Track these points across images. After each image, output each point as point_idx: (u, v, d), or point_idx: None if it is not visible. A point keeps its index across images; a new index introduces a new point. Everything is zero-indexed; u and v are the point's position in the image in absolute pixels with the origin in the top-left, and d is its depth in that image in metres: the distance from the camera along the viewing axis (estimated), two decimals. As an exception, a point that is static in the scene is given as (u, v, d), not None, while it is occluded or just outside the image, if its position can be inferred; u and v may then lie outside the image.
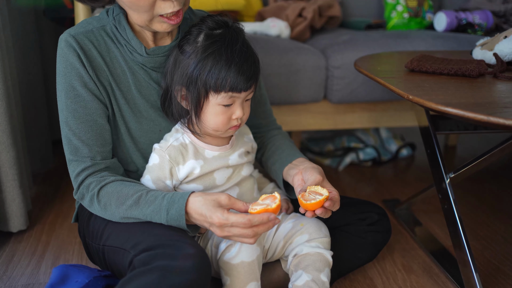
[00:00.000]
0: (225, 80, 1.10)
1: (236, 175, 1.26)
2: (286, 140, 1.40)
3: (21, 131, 1.73)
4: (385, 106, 1.97)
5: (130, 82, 1.20)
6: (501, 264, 1.52)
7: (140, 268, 0.97)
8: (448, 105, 1.04)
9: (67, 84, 1.15)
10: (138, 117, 1.22)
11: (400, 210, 1.83)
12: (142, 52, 1.18)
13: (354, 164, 2.33)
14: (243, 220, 1.02)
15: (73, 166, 1.18)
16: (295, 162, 1.28)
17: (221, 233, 1.05)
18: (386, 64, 1.61)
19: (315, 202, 1.09)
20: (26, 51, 1.94)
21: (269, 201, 1.07)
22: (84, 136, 1.17)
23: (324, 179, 1.20)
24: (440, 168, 1.42)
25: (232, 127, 1.18)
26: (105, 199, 1.13)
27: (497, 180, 2.16)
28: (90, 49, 1.16)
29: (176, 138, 1.21)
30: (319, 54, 1.88)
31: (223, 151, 1.23)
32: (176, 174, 1.19)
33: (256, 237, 1.05)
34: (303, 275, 1.18)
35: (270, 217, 1.03)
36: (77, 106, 1.16)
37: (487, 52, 1.44)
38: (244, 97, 1.15)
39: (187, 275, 0.96)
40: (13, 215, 1.58)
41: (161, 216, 1.08)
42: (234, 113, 1.15)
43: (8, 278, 1.40)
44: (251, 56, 1.14)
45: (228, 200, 1.06)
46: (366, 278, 1.43)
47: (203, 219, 1.05)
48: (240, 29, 1.17)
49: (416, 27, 2.28)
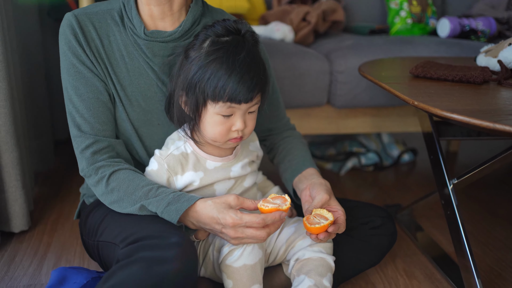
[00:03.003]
0: (223, 89, 1.06)
1: (238, 186, 1.24)
2: (299, 143, 1.38)
3: (24, 131, 1.73)
4: (388, 111, 1.97)
5: (128, 68, 1.19)
6: (503, 270, 1.52)
7: (123, 261, 0.96)
8: (453, 111, 1.04)
9: (68, 61, 1.16)
10: (135, 106, 1.21)
11: (402, 216, 1.83)
12: (140, 33, 1.17)
13: (356, 169, 2.33)
14: (257, 220, 1.03)
15: (77, 142, 1.18)
16: (305, 174, 1.28)
17: (235, 233, 1.05)
18: (390, 70, 1.61)
19: (319, 226, 1.09)
20: (30, 51, 1.94)
21: (279, 202, 1.08)
22: (86, 114, 1.17)
23: (331, 197, 1.19)
24: (443, 174, 1.42)
25: (232, 139, 1.14)
26: (114, 184, 1.13)
27: (498, 186, 2.16)
28: (90, 30, 1.17)
29: (177, 147, 1.19)
30: (323, 58, 1.89)
31: (226, 162, 1.21)
32: (173, 183, 1.18)
33: (268, 237, 1.06)
34: (306, 280, 1.17)
35: (282, 215, 1.04)
36: (78, 83, 1.17)
37: (491, 59, 1.45)
38: (246, 109, 1.11)
39: (171, 264, 0.94)
40: (15, 215, 1.58)
41: (159, 206, 1.07)
42: (234, 124, 1.11)
43: (10, 279, 1.40)
44: (257, 67, 1.09)
45: (237, 200, 1.07)
46: (368, 284, 1.43)
47: (214, 221, 1.05)
48: (254, 37, 1.14)
49: (419, 33, 2.29)
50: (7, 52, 1.50)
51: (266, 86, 1.14)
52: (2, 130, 1.49)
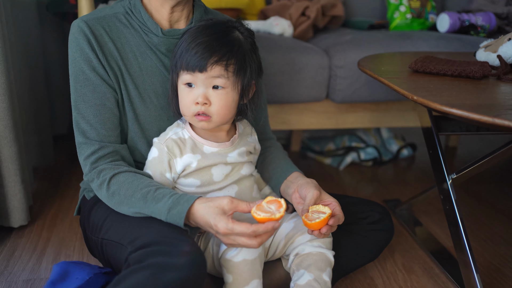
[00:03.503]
0: (184, 57, 1.12)
1: (235, 173, 1.25)
2: (280, 153, 1.40)
3: (23, 126, 1.72)
4: (387, 106, 1.97)
5: (141, 67, 1.23)
6: (501, 265, 1.52)
7: (134, 266, 0.97)
8: (453, 106, 1.04)
9: (77, 68, 1.19)
10: (147, 103, 1.24)
11: (400, 211, 1.83)
12: (158, 32, 1.21)
13: (355, 164, 2.33)
14: (247, 231, 1.02)
15: (82, 149, 1.20)
16: (290, 178, 1.29)
17: (227, 240, 1.05)
18: (390, 65, 1.61)
19: (320, 221, 1.10)
20: (28, 45, 1.94)
21: (274, 208, 1.05)
22: (92, 120, 1.19)
23: (321, 191, 1.21)
24: (442, 169, 1.42)
25: (198, 116, 1.15)
26: (114, 187, 1.14)
27: (496, 181, 2.17)
28: (102, 34, 1.19)
29: (175, 132, 1.22)
30: (322, 53, 1.88)
31: (222, 148, 1.23)
32: (174, 166, 1.19)
33: (261, 244, 1.05)
34: (305, 275, 1.18)
35: (275, 225, 1.03)
36: (86, 90, 1.19)
37: (491, 54, 1.44)
38: (205, 80, 1.12)
39: (181, 272, 0.95)
40: (14, 210, 1.58)
41: (162, 213, 1.08)
42: (196, 96, 1.14)
43: (9, 274, 1.40)
44: (225, 44, 1.12)
45: (231, 203, 1.06)
46: (367, 278, 1.43)
47: (208, 226, 1.06)
48: (245, 30, 1.18)
49: (419, 28, 2.28)
50: (6, 46, 1.49)
51: (234, 66, 1.13)
52: (1, 124, 1.49)
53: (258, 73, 1.22)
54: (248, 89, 1.19)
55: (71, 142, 1.22)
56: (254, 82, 1.21)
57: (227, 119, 1.19)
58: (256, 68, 1.20)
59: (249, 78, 1.17)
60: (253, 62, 1.17)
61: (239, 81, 1.15)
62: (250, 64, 1.16)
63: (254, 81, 1.21)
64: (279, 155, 1.39)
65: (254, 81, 1.20)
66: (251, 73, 1.17)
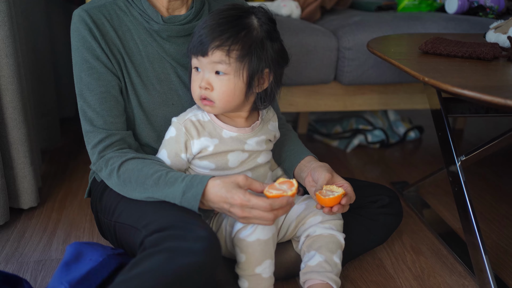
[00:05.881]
0: (192, 40, 1.14)
1: (251, 161, 1.24)
2: (292, 135, 1.40)
3: (30, 109, 1.73)
4: (395, 88, 1.96)
5: (142, 55, 1.23)
6: (509, 246, 1.53)
7: (150, 250, 0.98)
8: (464, 87, 1.03)
9: (80, 57, 1.19)
10: (150, 90, 1.24)
11: (408, 193, 1.84)
12: (158, 20, 1.21)
13: (362, 146, 2.33)
14: (264, 204, 1.03)
15: (89, 138, 1.20)
16: (303, 162, 1.29)
17: (242, 213, 1.05)
18: (399, 46, 1.60)
19: (333, 197, 1.12)
20: (35, 28, 1.93)
21: (285, 187, 1.08)
22: (98, 108, 1.19)
23: (334, 174, 1.21)
24: (451, 151, 1.42)
25: (203, 99, 1.15)
26: (125, 175, 1.14)
27: (504, 163, 2.17)
28: (103, 22, 1.19)
29: (194, 114, 1.20)
30: (331, 35, 1.87)
31: (242, 133, 1.21)
32: (190, 147, 1.19)
33: (275, 219, 1.06)
34: (316, 256, 1.18)
35: (289, 200, 1.05)
36: (90, 79, 1.19)
37: (501, 35, 1.43)
38: (207, 65, 1.11)
39: (196, 256, 0.96)
40: (24, 192, 1.59)
41: (176, 197, 1.08)
42: (200, 81, 1.14)
43: (20, 254, 1.41)
44: (233, 26, 1.10)
45: (246, 180, 1.07)
46: (376, 259, 1.44)
47: (223, 200, 1.06)
48: (259, 13, 1.15)
49: (427, 9, 2.26)
50: (13, 28, 1.49)
51: (238, 52, 1.11)
52: (10, 106, 1.49)
53: (277, 62, 1.17)
54: (258, 78, 1.15)
55: (77, 125, 1.22)
56: (268, 71, 1.16)
57: (232, 106, 1.16)
58: (271, 57, 1.15)
59: (257, 66, 1.13)
60: (263, 50, 1.13)
61: (244, 68, 1.12)
62: (258, 51, 1.12)
63: (268, 70, 1.16)
64: (291, 137, 1.38)
65: (268, 70, 1.16)
66: (260, 61, 1.13)
